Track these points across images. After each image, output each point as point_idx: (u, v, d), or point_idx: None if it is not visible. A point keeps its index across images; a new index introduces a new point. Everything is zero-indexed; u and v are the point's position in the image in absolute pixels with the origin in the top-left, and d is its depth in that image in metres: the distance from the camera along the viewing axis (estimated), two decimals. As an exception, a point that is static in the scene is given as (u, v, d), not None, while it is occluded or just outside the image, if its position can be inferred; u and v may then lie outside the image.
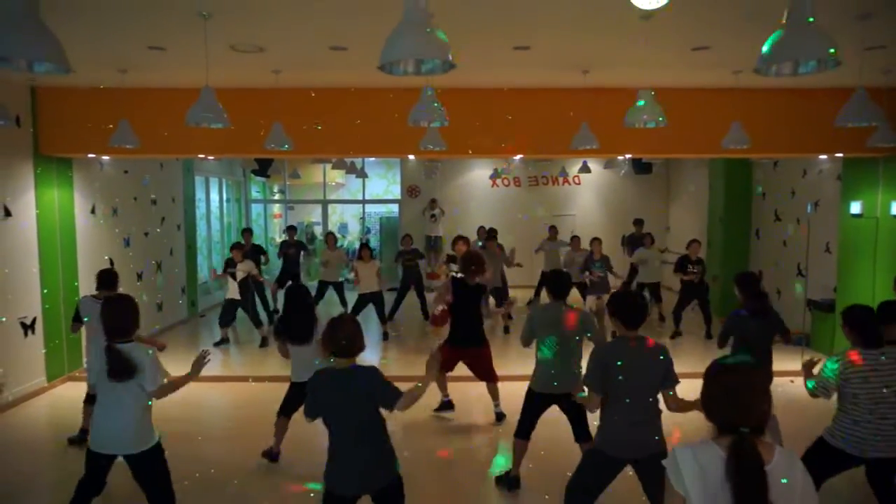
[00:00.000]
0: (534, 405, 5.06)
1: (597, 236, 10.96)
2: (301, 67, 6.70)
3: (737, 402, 2.13)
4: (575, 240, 11.30)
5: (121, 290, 5.80)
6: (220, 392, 7.98)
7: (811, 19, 2.71)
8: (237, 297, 9.85)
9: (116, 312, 3.90)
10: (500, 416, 6.74)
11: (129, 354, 3.81)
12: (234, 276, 9.79)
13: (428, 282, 15.14)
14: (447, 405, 7.07)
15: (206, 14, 4.77)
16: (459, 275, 6.55)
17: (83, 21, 4.97)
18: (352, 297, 10.70)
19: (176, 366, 4.09)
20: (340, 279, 11.26)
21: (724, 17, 4.95)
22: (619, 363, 3.63)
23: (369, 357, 9.70)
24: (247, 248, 10.89)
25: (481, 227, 12.96)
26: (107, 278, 5.79)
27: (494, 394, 6.74)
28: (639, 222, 12.99)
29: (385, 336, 10.49)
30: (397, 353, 9.75)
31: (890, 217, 7.97)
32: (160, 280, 11.01)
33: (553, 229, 12.44)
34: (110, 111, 7.27)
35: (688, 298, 10.38)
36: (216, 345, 9.93)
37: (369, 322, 10.39)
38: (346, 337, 3.39)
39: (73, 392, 7.83)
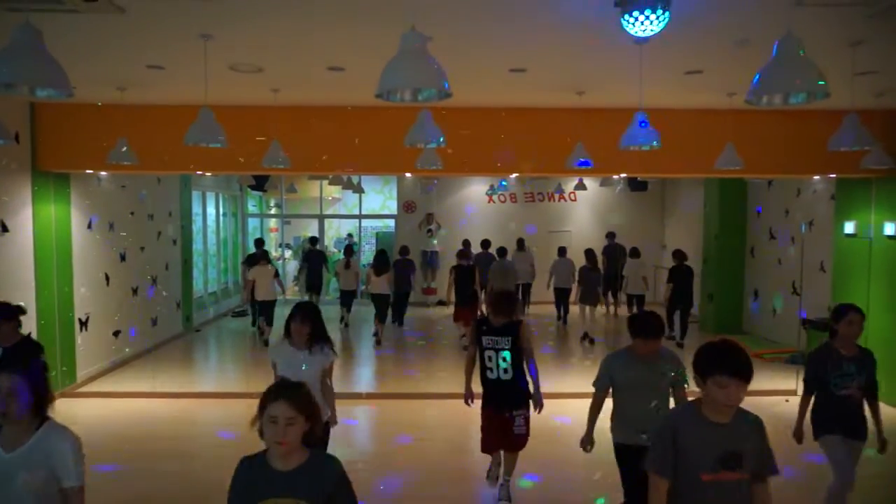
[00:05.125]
0: None
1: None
2: (299, 87, 6.75)
3: None
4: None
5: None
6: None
7: (802, 52, 2.76)
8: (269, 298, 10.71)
9: None
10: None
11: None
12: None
13: (423, 297, 15.15)
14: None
15: (206, 35, 4.82)
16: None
17: (84, 40, 5.02)
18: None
19: (171, 382, 4.06)
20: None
21: (717, 43, 5.02)
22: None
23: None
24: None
25: (466, 240, 13.41)
26: None
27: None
28: (611, 235, 13.86)
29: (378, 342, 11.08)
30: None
31: (883, 237, 8.02)
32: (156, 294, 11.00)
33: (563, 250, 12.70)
34: (108, 128, 7.30)
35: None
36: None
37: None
38: None
39: (65, 409, 7.77)
